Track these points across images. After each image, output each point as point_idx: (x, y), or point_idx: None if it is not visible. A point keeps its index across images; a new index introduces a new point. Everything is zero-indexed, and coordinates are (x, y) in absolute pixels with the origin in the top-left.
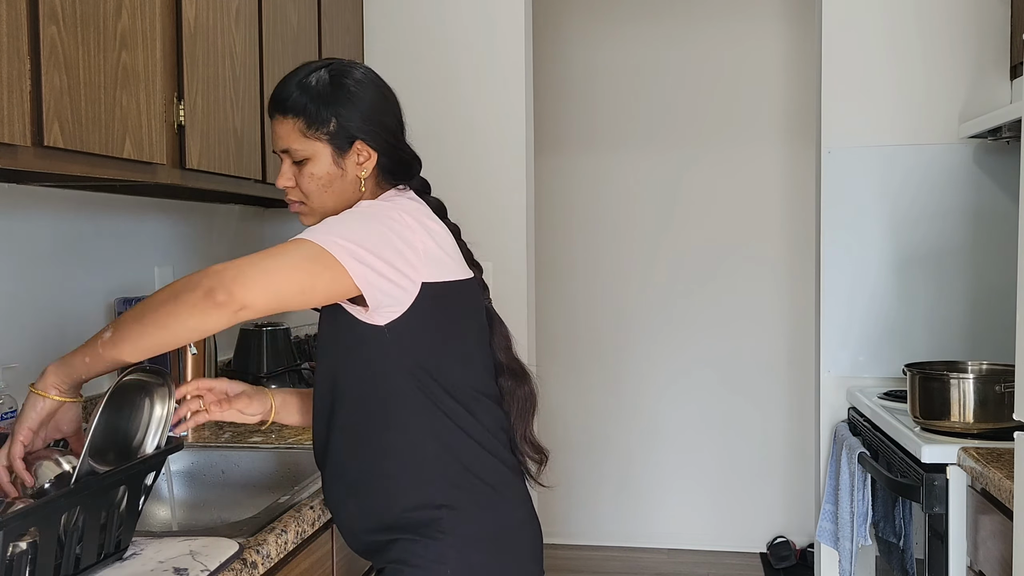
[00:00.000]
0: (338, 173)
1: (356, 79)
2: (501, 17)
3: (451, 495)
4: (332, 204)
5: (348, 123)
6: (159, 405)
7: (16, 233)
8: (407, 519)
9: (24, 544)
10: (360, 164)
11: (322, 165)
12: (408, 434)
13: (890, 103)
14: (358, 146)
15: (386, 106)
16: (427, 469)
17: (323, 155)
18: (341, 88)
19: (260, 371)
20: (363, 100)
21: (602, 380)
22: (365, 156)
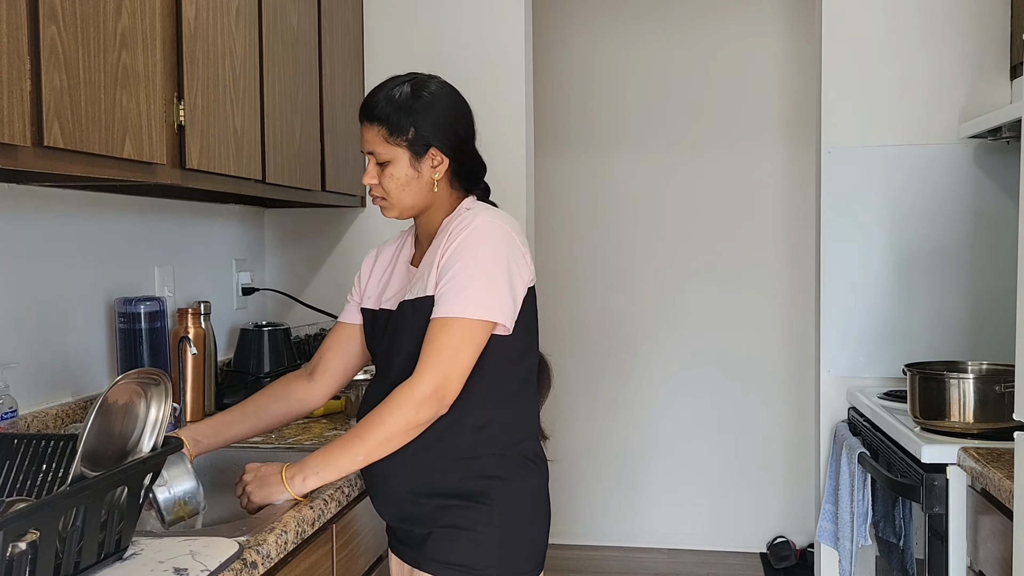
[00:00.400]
0: (415, 175)
1: (433, 92)
2: (501, 17)
3: (502, 467)
4: (410, 201)
5: (424, 132)
6: (155, 406)
7: (16, 233)
8: (462, 487)
9: (24, 544)
10: (434, 167)
11: (401, 168)
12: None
13: (890, 103)
14: (432, 152)
15: (458, 116)
16: (486, 443)
17: (402, 159)
18: (419, 100)
19: (260, 371)
20: (438, 111)
21: (602, 380)
22: (439, 161)
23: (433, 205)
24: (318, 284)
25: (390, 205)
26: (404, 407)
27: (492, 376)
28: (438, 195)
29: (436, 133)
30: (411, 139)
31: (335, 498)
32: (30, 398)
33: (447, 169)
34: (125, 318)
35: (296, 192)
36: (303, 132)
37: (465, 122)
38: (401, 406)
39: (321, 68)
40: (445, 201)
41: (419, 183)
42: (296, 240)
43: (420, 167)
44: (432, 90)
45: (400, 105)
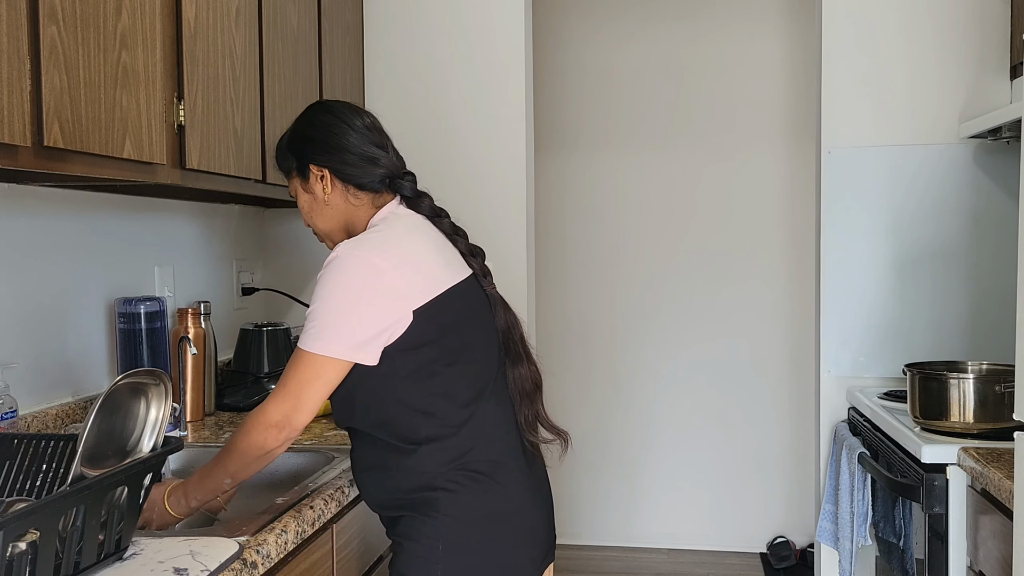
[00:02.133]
0: (310, 198)
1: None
2: (501, 17)
3: (447, 480)
4: (323, 225)
5: (300, 155)
6: (155, 406)
7: (16, 233)
8: (411, 498)
9: (24, 544)
10: (322, 184)
11: (301, 197)
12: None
13: (890, 103)
14: (312, 169)
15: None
16: (426, 460)
17: (298, 189)
18: (294, 133)
19: (260, 371)
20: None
21: (602, 379)
22: (319, 174)
23: (353, 222)
24: None
25: (321, 236)
26: (253, 432)
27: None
28: (344, 209)
29: (311, 151)
30: (295, 167)
31: (335, 498)
32: (30, 398)
33: (332, 179)
34: (125, 318)
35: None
36: None
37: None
38: (251, 431)
39: (321, 68)
40: (361, 213)
41: (318, 204)
42: (296, 240)
43: (311, 188)
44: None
45: (280, 147)
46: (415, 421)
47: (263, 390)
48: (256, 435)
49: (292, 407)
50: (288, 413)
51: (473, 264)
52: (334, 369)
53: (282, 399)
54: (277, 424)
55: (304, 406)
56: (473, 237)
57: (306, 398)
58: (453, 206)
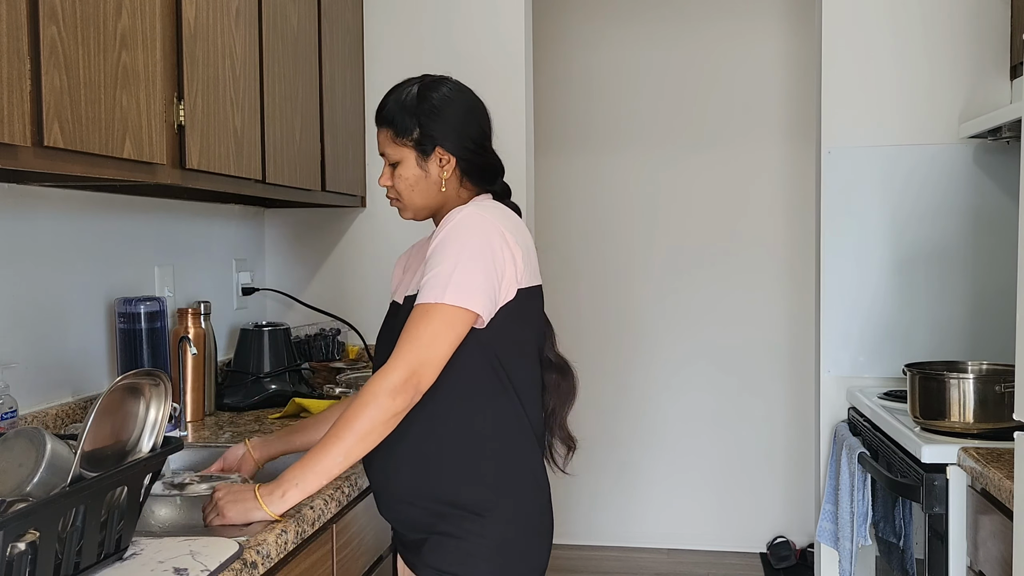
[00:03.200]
0: (422, 175)
1: (440, 92)
2: (501, 17)
3: (501, 478)
4: (420, 201)
5: (429, 131)
6: (155, 406)
7: (16, 233)
8: (460, 495)
9: (24, 544)
10: (441, 167)
11: (409, 168)
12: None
13: (890, 103)
14: (439, 151)
15: (465, 114)
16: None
17: (409, 159)
18: (425, 101)
19: (260, 371)
20: (444, 111)
21: (602, 380)
22: (445, 160)
23: (446, 205)
24: (318, 284)
25: (403, 206)
26: (379, 397)
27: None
28: (449, 195)
29: (441, 132)
30: (416, 139)
31: (335, 498)
32: (30, 398)
33: (455, 168)
34: (125, 318)
35: (296, 192)
36: (303, 132)
37: (473, 120)
38: (376, 396)
39: (321, 68)
40: (457, 201)
41: (427, 183)
42: (296, 240)
43: (427, 167)
44: (440, 90)
45: (405, 106)
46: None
47: (263, 390)
48: (382, 400)
49: (420, 362)
50: (416, 368)
51: None
52: (464, 321)
53: (409, 355)
54: (403, 384)
55: (433, 360)
56: None
57: (436, 351)
58: None
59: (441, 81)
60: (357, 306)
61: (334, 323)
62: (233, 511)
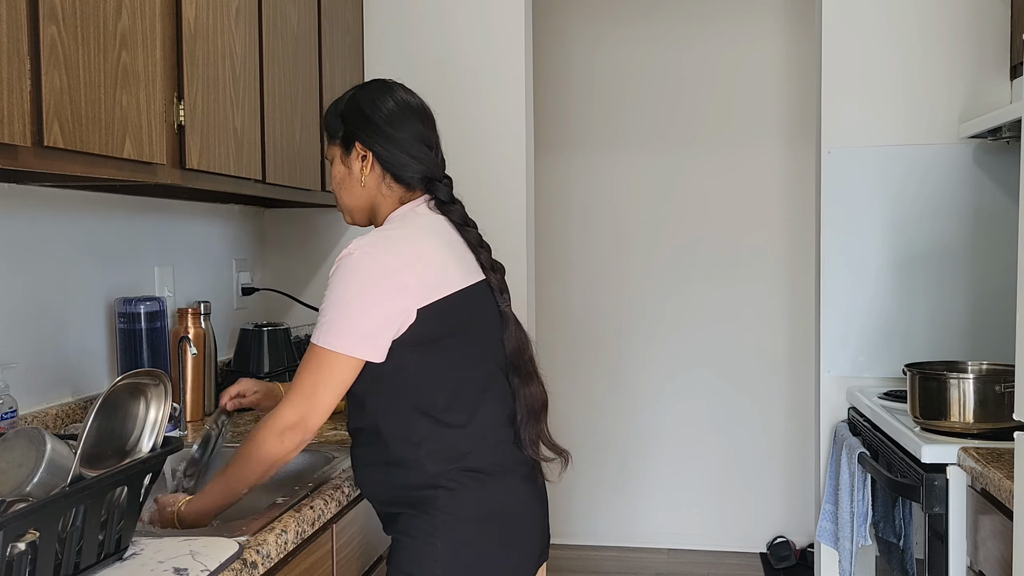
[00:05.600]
0: (346, 172)
1: (370, 92)
2: (501, 17)
3: (447, 478)
4: (347, 201)
5: (351, 127)
6: (154, 407)
7: (16, 233)
8: (411, 496)
9: (24, 544)
10: (362, 164)
11: (336, 166)
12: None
13: (890, 103)
14: (357, 147)
15: (396, 114)
16: (427, 460)
17: (336, 157)
18: (352, 101)
19: (260, 371)
20: (368, 109)
21: (602, 380)
22: (362, 154)
23: (378, 209)
24: (318, 284)
25: (340, 208)
26: (269, 438)
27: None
28: (373, 194)
29: (362, 128)
30: (342, 137)
31: (335, 498)
32: (30, 398)
33: (373, 164)
34: (125, 318)
35: (296, 192)
36: (303, 132)
37: (402, 118)
38: (266, 438)
39: (321, 68)
40: (389, 202)
41: (350, 180)
42: (296, 240)
43: (350, 163)
44: (370, 90)
45: (335, 110)
46: (418, 420)
47: None
48: (270, 442)
49: (307, 408)
50: (303, 414)
51: (492, 278)
52: (347, 366)
53: (297, 401)
54: (292, 427)
55: (319, 405)
56: None
57: (321, 397)
58: None
59: (376, 83)
60: None
61: None
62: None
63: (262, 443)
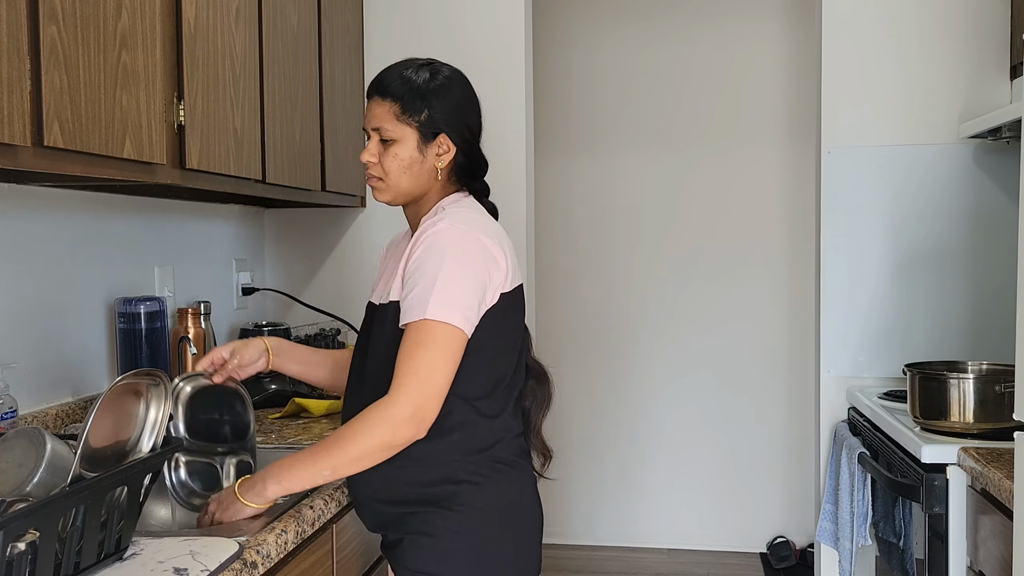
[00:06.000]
0: (419, 159)
1: (450, 79)
2: (501, 18)
3: (472, 471)
4: (407, 186)
5: (437, 116)
6: (154, 407)
7: (16, 233)
8: (428, 493)
9: (24, 544)
10: (439, 155)
11: (407, 148)
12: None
13: (890, 103)
14: (441, 138)
15: (471, 108)
16: (452, 450)
17: (410, 140)
18: (437, 85)
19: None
20: (453, 99)
21: (602, 380)
22: (445, 148)
23: (426, 196)
24: (318, 284)
25: (386, 187)
26: (379, 427)
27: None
28: (434, 186)
29: (449, 120)
30: (423, 121)
31: (335, 498)
32: (30, 398)
33: (451, 160)
34: (125, 318)
35: (296, 192)
36: (303, 132)
37: (476, 116)
38: (377, 425)
39: (321, 68)
40: (438, 194)
41: (421, 168)
42: (296, 240)
43: (426, 151)
44: (450, 77)
45: (417, 86)
46: (457, 406)
47: (263, 390)
48: (383, 431)
49: (425, 395)
50: (420, 404)
51: None
52: (458, 341)
53: (412, 386)
54: (407, 420)
55: (435, 392)
56: None
57: (439, 378)
58: None
59: (449, 68)
60: (357, 306)
61: (334, 323)
62: (224, 517)
63: (370, 429)
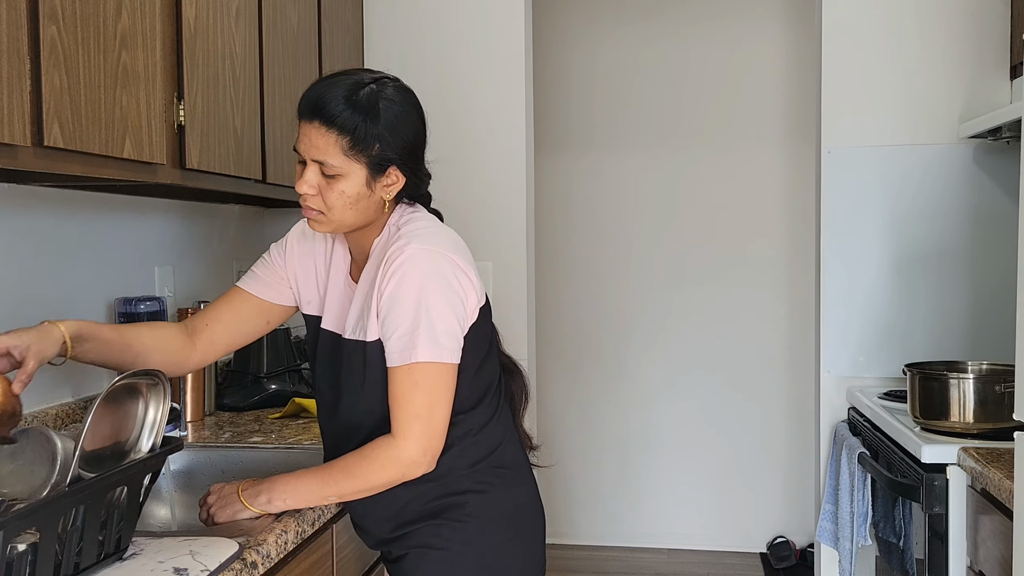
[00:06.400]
0: (367, 193)
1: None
2: (501, 17)
3: (475, 481)
4: (352, 220)
5: (387, 150)
6: (153, 407)
7: (16, 233)
8: (433, 506)
9: (24, 544)
10: (388, 187)
11: (354, 185)
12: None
13: (890, 103)
14: (391, 171)
15: (420, 131)
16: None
17: (358, 176)
18: (386, 111)
19: (260, 371)
20: (408, 126)
21: (602, 380)
22: (394, 180)
23: (374, 222)
24: None
25: (327, 220)
26: (391, 467)
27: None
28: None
29: (400, 152)
30: (373, 156)
31: None
32: (30, 398)
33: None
34: (125, 318)
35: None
36: None
37: (422, 133)
38: (388, 465)
39: (321, 68)
40: (381, 218)
41: (369, 202)
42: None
43: (375, 186)
44: (402, 101)
45: (367, 116)
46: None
47: (263, 390)
48: (394, 472)
49: (429, 436)
50: (427, 446)
51: None
52: (451, 376)
53: (419, 433)
54: (419, 461)
55: (439, 431)
56: (473, 237)
57: (439, 417)
58: (452, 206)
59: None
60: None
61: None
62: (222, 515)
63: (383, 471)
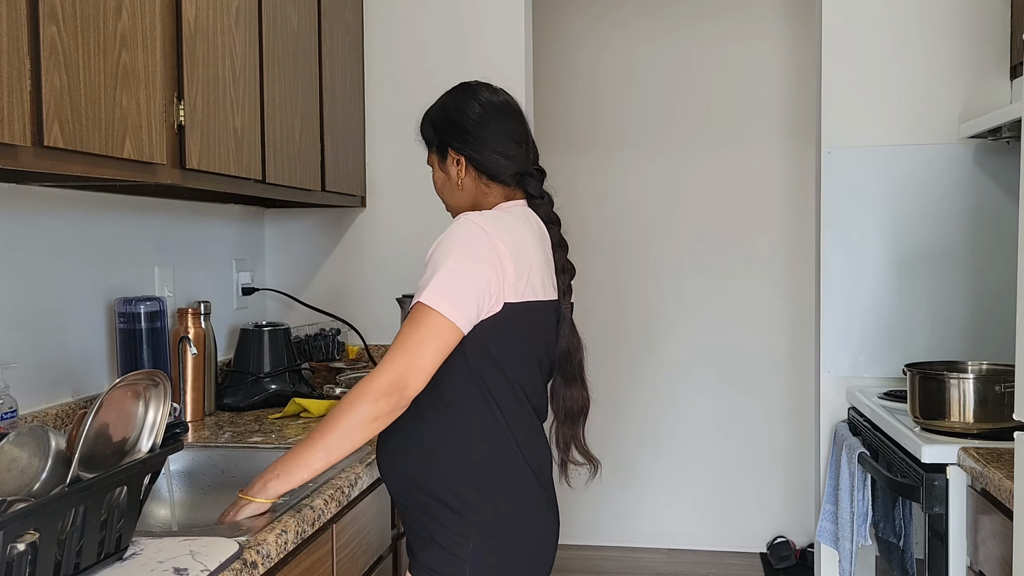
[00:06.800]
0: (445, 177)
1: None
2: (501, 17)
3: (483, 479)
4: (451, 202)
5: (444, 135)
6: (153, 408)
7: (16, 233)
8: (445, 491)
9: (24, 544)
10: (457, 167)
11: (436, 173)
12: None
13: (890, 103)
14: (451, 153)
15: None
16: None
17: (435, 163)
18: (441, 108)
19: (260, 371)
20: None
21: (602, 380)
22: (457, 160)
23: (481, 205)
24: (318, 284)
25: (447, 208)
26: (362, 399)
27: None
28: (474, 193)
29: (453, 134)
30: (436, 145)
31: (335, 498)
32: (30, 398)
33: (467, 167)
34: (125, 318)
35: (296, 192)
36: (303, 132)
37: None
38: (359, 398)
39: (321, 68)
40: (491, 200)
41: (450, 184)
42: (296, 240)
43: (447, 169)
44: (453, 95)
45: (429, 117)
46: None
47: (263, 390)
48: (365, 402)
49: (407, 366)
50: (402, 374)
51: (561, 280)
52: (447, 328)
53: (397, 358)
54: (390, 388)
55: (420, 365)
56: None
57: (423, 355)
58: None
59: (461, 87)
60: (357, 306)
61: (334, 323)
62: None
63: (354, 407)
